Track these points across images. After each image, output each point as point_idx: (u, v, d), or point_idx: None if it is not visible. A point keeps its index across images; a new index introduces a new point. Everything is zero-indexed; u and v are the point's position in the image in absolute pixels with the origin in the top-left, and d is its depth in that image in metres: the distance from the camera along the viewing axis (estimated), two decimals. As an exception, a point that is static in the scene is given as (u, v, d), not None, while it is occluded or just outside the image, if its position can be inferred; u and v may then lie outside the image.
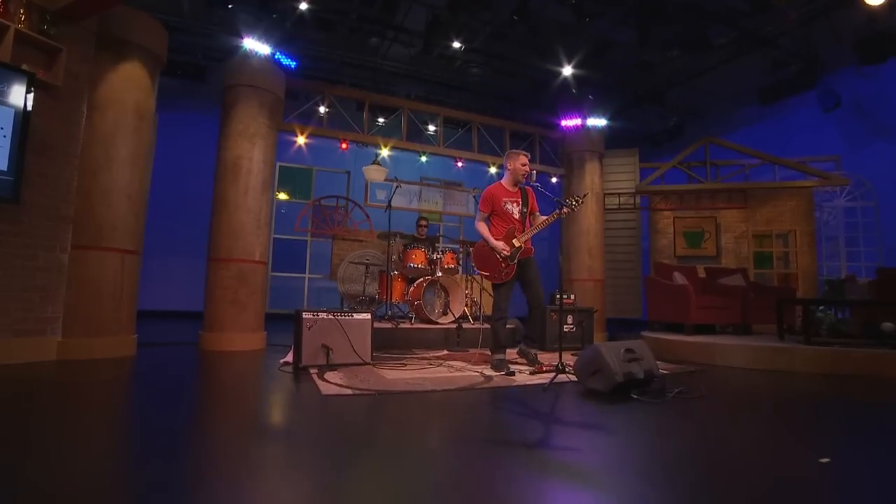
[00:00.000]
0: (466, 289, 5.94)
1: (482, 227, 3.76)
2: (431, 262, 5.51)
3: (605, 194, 6.69)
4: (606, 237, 6.60)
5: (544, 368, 3.62)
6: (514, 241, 3.72)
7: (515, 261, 3.71)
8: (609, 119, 6.48)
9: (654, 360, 3.04)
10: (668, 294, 5.22)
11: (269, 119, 4.79)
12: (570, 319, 5.12)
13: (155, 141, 4.36)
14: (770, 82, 6.44)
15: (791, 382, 3.54)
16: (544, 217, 3.75)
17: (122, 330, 3.79)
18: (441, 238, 7.15)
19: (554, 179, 6.57)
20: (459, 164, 6.03)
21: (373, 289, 6.30)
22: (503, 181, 3.88)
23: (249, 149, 4.62)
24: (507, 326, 3.85)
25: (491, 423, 2.24)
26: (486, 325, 3.70)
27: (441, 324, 5.23)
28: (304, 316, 3.57)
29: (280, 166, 6.51)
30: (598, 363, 2.87)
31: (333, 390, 2.75)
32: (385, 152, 5.70)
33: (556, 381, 3.14)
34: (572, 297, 5.25)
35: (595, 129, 6.38)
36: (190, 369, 3.59)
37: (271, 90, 4.81)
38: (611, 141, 6.99)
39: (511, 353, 4.14)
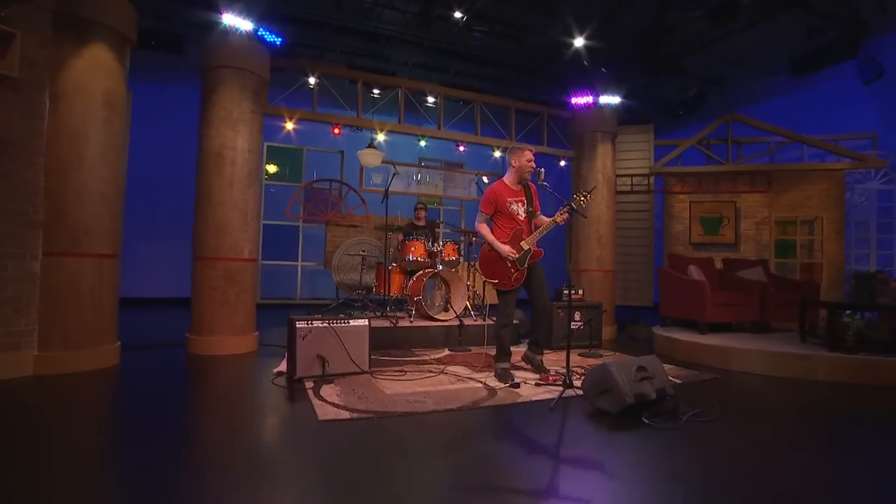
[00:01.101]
0: (469, 280, 5.94)
1: (485, 230, 3.71)
2: (431, 254, 5.49)
3: (617, 177, 6.57)
4: (617, 221, 6.52)
5: (550, 378, 3.64)
6: (523, 243, 3.68)
7: (525, 265, 3.68)
8: (624, 96, 6.29)
9: (666, 377, 3.05)
10: (682, 289, 5.21)
11: (254, 103, 4.65)
12: (578, 316, 5.13)
13: (129, 126, 4.25)
14: (804, 50, 6.19)
15: (815, 395, 3.55)
16: (549, 218, 3.70)
17: (104, 339, 3.79)
18: (441, 225, 7.11)
19: (563, 163, 6.44)
20: (461, 147, 5.90)
21: (370, 278, 6.31)
22: (506, 179, 3.80)
23: (233, 137, 4.51)
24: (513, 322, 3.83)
25: (492, 461, 2.24)
26: (490, 321, 3.70)
27: (442, 320, 5.25)
28: (297, 325, 3.57)
29: (268, 146, 6.40)
30: (607, 383, 2.88)
31: (330, 414, 2.77)
32: (381, 137, 5.57)
33: (563, 394, 3.17)
34: (580, 292, 5.25)
35: (608, 107, 6.20)
36: (175, 382, 3.60)
37: (255, 71, 4.65)
38: (624, 115, 6.81)
39: (515, 355, 4.16)
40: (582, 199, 3.57)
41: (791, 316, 4.84)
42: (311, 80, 5.12)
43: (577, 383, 3.37)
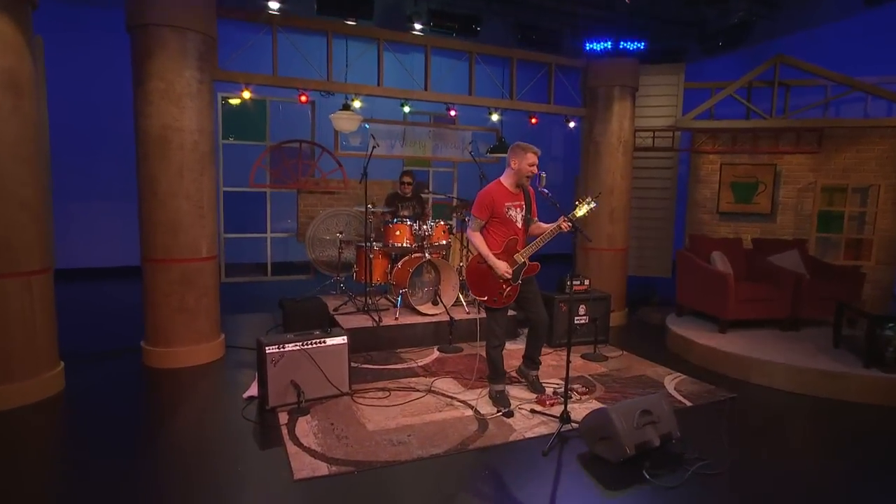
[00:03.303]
0: (461, 260, 6.02)
1: (479, 241, 3.73)
2: (418, 237, 5.51)
3: (635, 132, 6.43)
4: (634, 181, 6.44)
5: (547, 403, 3.83)
6: (517, 256, 3.72)
7: (519, 281, 3.74)
8: (648, 33, 6.00)
9: (673, 419, 3.22)
10: (703, 279, 5.31)
11: (200, 71, 4.45)
12: (582, 310, 5.27)
13: (43, 80, 4.06)
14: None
15: (846, 424, 3.73)
16: (548, 225, 3.72)
17: (42, 367, 3.83)
18: (431, 196, 7.07)
19: (572, 124, 6.27)
20: (452, 112, 5.72)
21: (349, 253, 6.38)
22: (503, 179, 3.77)
23: (178, 115, 4.36)
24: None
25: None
26: (483, 315, 3.82)
27: (430, 315, 5.39)
28: (267, 350, 3.68)
29: (223, 100, 6.20)
30: (606, 430, 3.06)
31: (306, 468, 2.94)
32: (357, 104, 5.38)
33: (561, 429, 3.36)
34: (586, 282, 5.34)
35: (630, 53, 5.94)
36: (127, 416, 3.66)
37: (199, 29, 4.40)
38: (649, 53, 6.52)
39: (511, 358, 4.31)
40: (586, 206, 3.57)
41: (827, 310, 4.93)
42: (271, 36, 4.86)
43: (576, 407, 3.56)
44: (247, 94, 4.89)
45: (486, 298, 3.74)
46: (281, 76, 4.94)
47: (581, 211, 3.55)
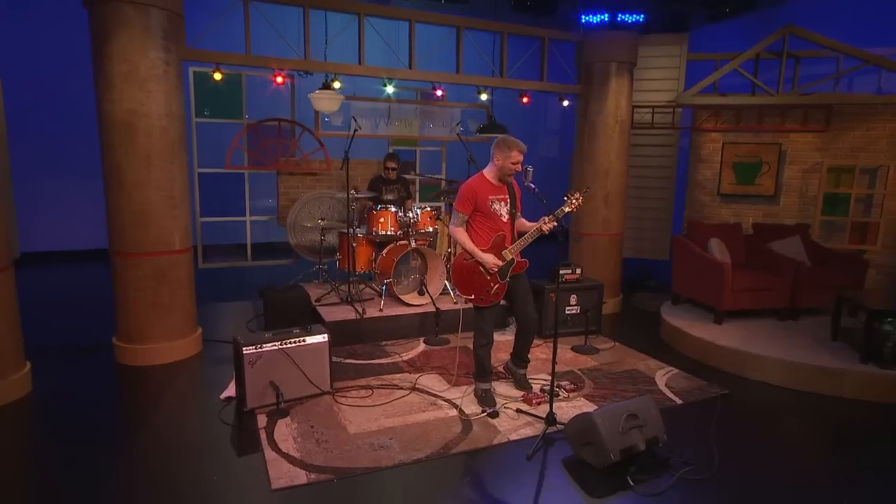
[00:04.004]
0: (449, 247, 6.04)
1: (462, 235, 3.75)
2: (403, 224, 5.52)
3: (633, 108, 6.39)
4: (631, 159, 6.42)
5: (534, 401, 3.91)
6: (505, 252, 3.74)
7: (507, 278, 3.78)
8: (652, 3, 5.91)
9: (660, 421, 3.30)
10: (698, 268, 5.36)
11: (166, 51, 4.37)
12: (573, 300, 5.33)
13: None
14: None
15: (841, 422, 3.84)
16: (533, 223, 3.74)
17: (7, 370, 3.83)
18: (417, 178, 7.03)
19: (566, 103, 6.21)
20: (438, 92, 5.65)
21: (333, 238, 6.39)
22: (486, 173, 3.78)
23: (144, 100, 4.30)
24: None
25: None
26: (469, 305, 3.88)
27: (416, 305, 5.44)
28: (244, 351, 3.72)
29: (195, 73, 6.09)
30: (591, 436, 3.13)
31: (284, 476, 3.01)
32: (337, 84, 5.30)
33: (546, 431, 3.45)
34: (578, 271, 5.38)
35: (628, 26, 5.86)
36: (98, 420, 3.70)
37: (163, 5, 4.29)
38: (649, 25, 6.43)
39: (499, 351, 4.35)
40: (574, 200, 3.59)
41: (830, 297, 4.98)
42: (242, 10, 4.76)
43: (563, 406, 3.63)
44: (218, 76, 4.82)
45: (472, 297, 3.78)
46: (254, 55, 4.86)
47: (568, 208, 3.56)
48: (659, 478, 3.08)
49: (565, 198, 3.60)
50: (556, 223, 3.53)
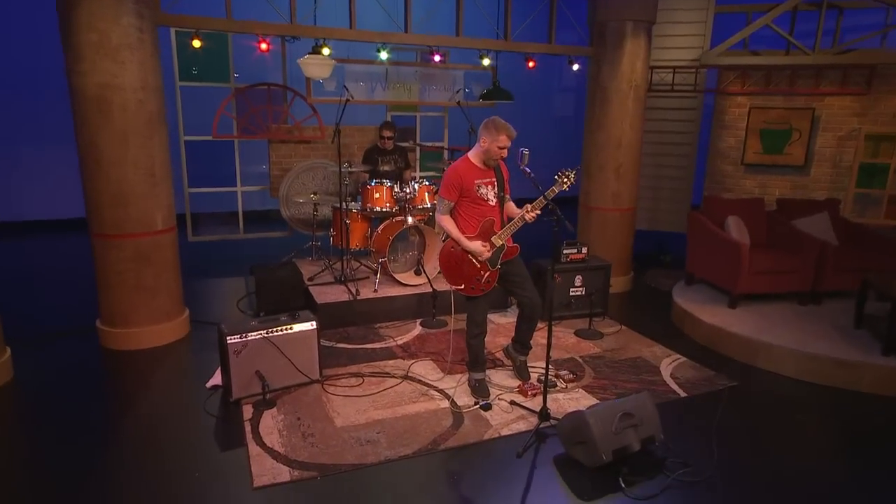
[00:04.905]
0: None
1: (448, 223, 3.77)
2: (400, 200, 5.53)
3: (652, 69, 6.24)
4: (647, 124, 6.30)
5: (530, 393, 3.99)
6: (494, 238, 3.76)
7: (498, 266, 3.80)
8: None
9: (657, 420, 3.35)
10: (714, 247, 5.33)
11: (139, 17, 4.32)
12: (578, 281, 5.35)
13: None
14: None
15: (856, 420, 3.85)
16: (517, 210, 3.76)
17: None
18: (417, 146, 6.99)
19: (576, 67, 6.07)
20: (437, 57, 5.54)
21: (327, 210, 6.44)
22: (471, 156, 3.78)
23: (117, 72, 4.28)
24: None
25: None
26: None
27: (412, 285, 5.50)
28: (228, 340, 3.82)
29: (178, 34, 6.04)
30: (583, 435, 3.21)
31: (267, 473, 3.14)
32: (326, 51, 5.22)
33: (540, 427, 3.54)
34: (584, 250, 5.37)
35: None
36: (80, 409, 3.83)
37: (134, -35, 4.25)
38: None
39: (496, 334, 4.37)
40: (566, 179, 3.55)
41: (857, 279, 4.89)
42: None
43: (560, 398, 3.71)
44: (197, 43, 4.78)
45: (462, 287, 3.82)
46: (236, 20, 4.81)
47: (558, 188, 3.53)
48: (652, 480, 3.16)
49: (556, 176, 3.55)
50: (538, 212, 3.54)
